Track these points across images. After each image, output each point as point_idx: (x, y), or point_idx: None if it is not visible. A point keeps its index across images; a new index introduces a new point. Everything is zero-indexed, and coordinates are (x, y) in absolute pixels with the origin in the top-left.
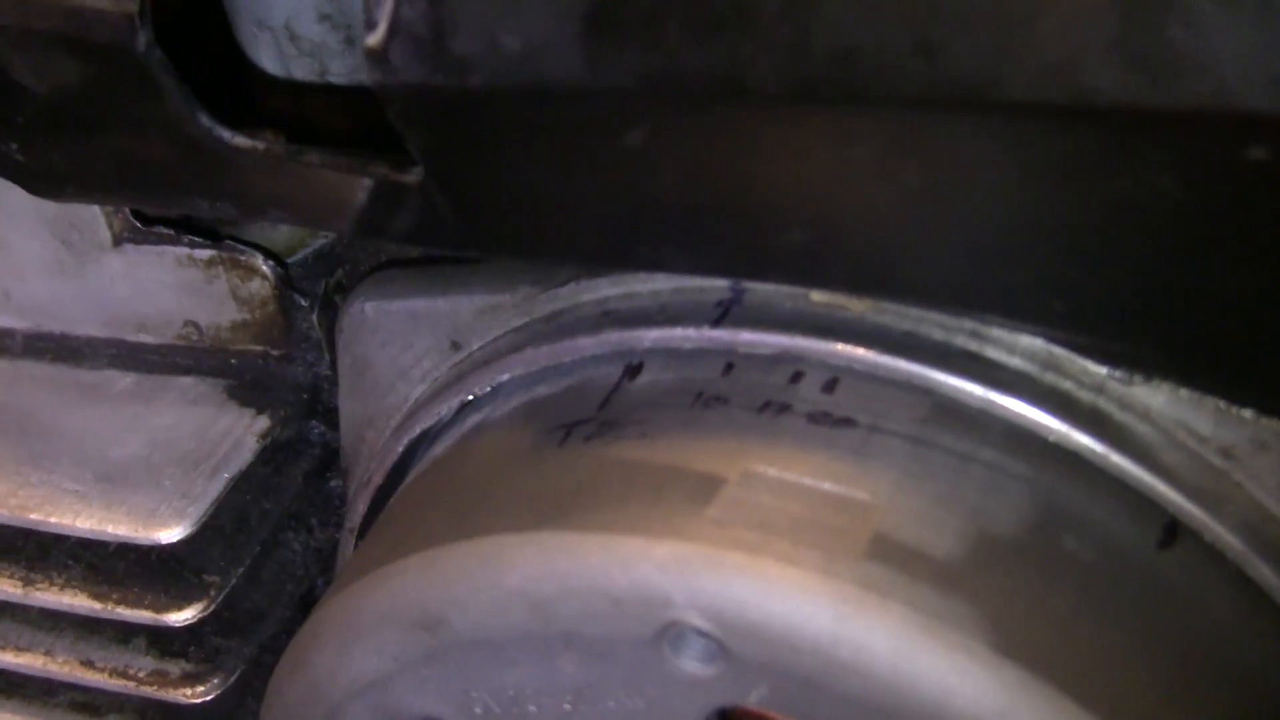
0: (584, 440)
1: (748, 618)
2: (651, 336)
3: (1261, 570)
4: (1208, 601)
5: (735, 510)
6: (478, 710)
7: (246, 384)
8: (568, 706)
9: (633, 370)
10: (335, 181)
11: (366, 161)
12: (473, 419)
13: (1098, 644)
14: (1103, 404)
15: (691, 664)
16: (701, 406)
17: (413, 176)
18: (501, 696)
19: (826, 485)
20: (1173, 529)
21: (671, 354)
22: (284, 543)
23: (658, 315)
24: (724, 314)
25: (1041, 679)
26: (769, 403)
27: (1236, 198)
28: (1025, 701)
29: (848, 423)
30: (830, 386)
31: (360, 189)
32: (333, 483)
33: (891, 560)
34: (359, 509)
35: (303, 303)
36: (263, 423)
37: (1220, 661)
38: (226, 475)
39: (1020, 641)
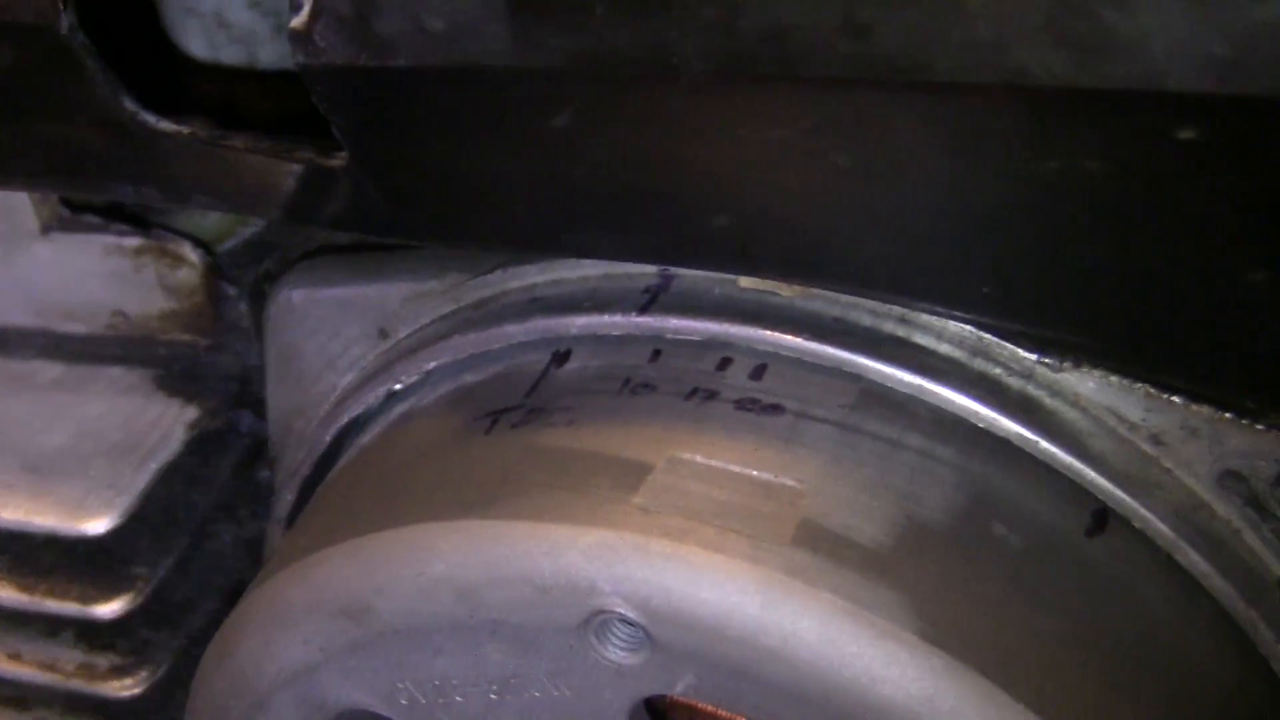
0: (511, 428)
1: (674, 605)
2: (579, 323)
3: (1191, 556)
4: (1137, 588)
5: (662, 497)
6: (403, 701)
7: (175, 374)
8: (494, 696)
9: (560, 357)
10: (262, 166)
11: (292, 146)
12: (400, 407)
13: (1026, 631)
14: (1032, 390)
15: (617, 653)
16: (629, 393)
17: (339, 160)
18: (427, 686)
19: (754, 472)
20: (1102, 516)
21: (599, 341)
22: (213, 534)
23: (586, 302)
24: (652, 300)
25: (968, 666)
26: (696, 389)
27: (1165, 179)
28: (952, 688)
29: (775, 409)
30: (758, 373)
31: (287, 174)
32: (262, 474)
33: (819, 547)
34: (287, 499)
35: (232, 292)
36: (191, 413)
37: (1149, 647)
38: (154, 466)
39: (948, 628)
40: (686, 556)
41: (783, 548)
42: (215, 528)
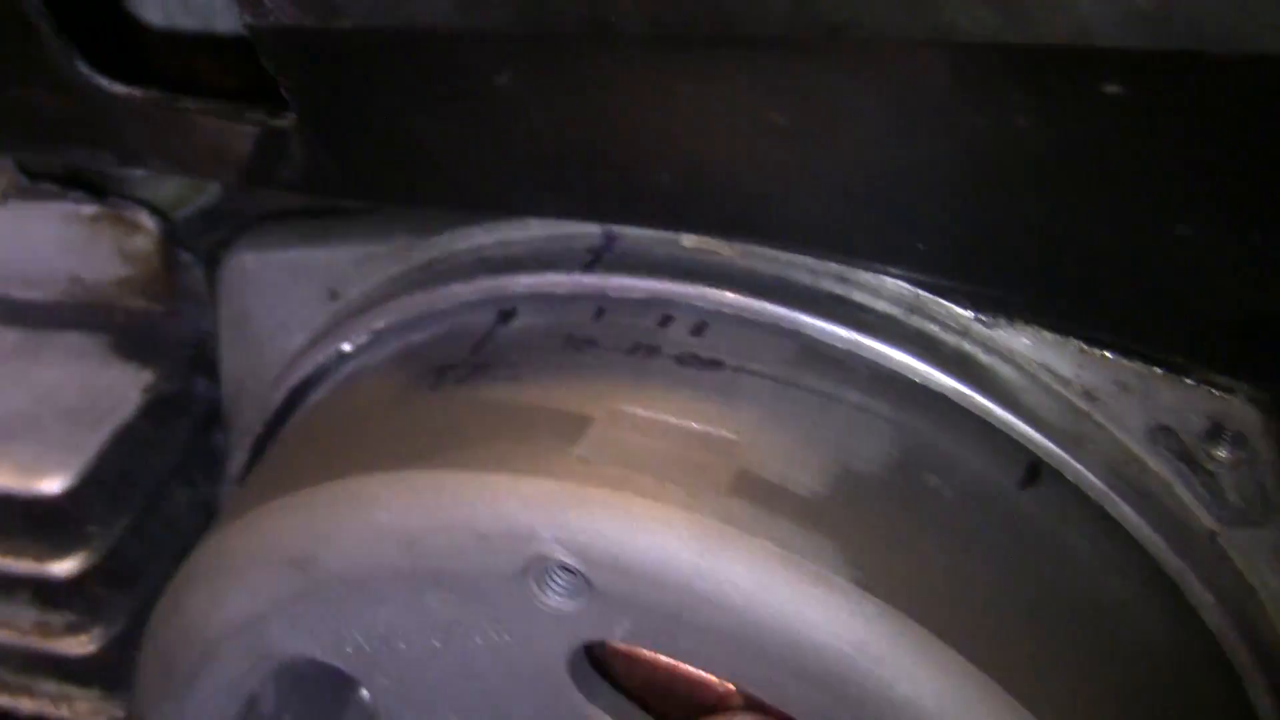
0: (456, 383)
1: (612, 552)
2: (524, 282)
3: (1122, 508)
4: (1068, 539)
5: (602, 448)
6: (349, 650)
7: (131, 339)
8: (437, 644)
9: (506, 315)
10: (213, 129)
11: (243, 108)
12: (349, 366)
13: (958, 579)
14: (967, 347)
15: (556, 599)
16: (573, 349)
17: (288, 121)
18: (372, 635)
19: (692, 424)
20: (1035, 469)
21: (544, 299)
22: (168, 497)
23: (531, 261)
24: (596, 259)
25: (900, 611)
26: (638, 345)
27: (1093, 135)
28: (884, 633)
29: (715, 364)
30: (699, 330)
31: (238, 136)
32: (217, 438)
33: (755, 496)
34: (239, 458)
35: (187, 258)
36: (147, 377)
37: (1079, 595)
38: (110, 428)
39: (880, 575)
40: (624, 504)
41: (719, 496)
42: (170, 490)
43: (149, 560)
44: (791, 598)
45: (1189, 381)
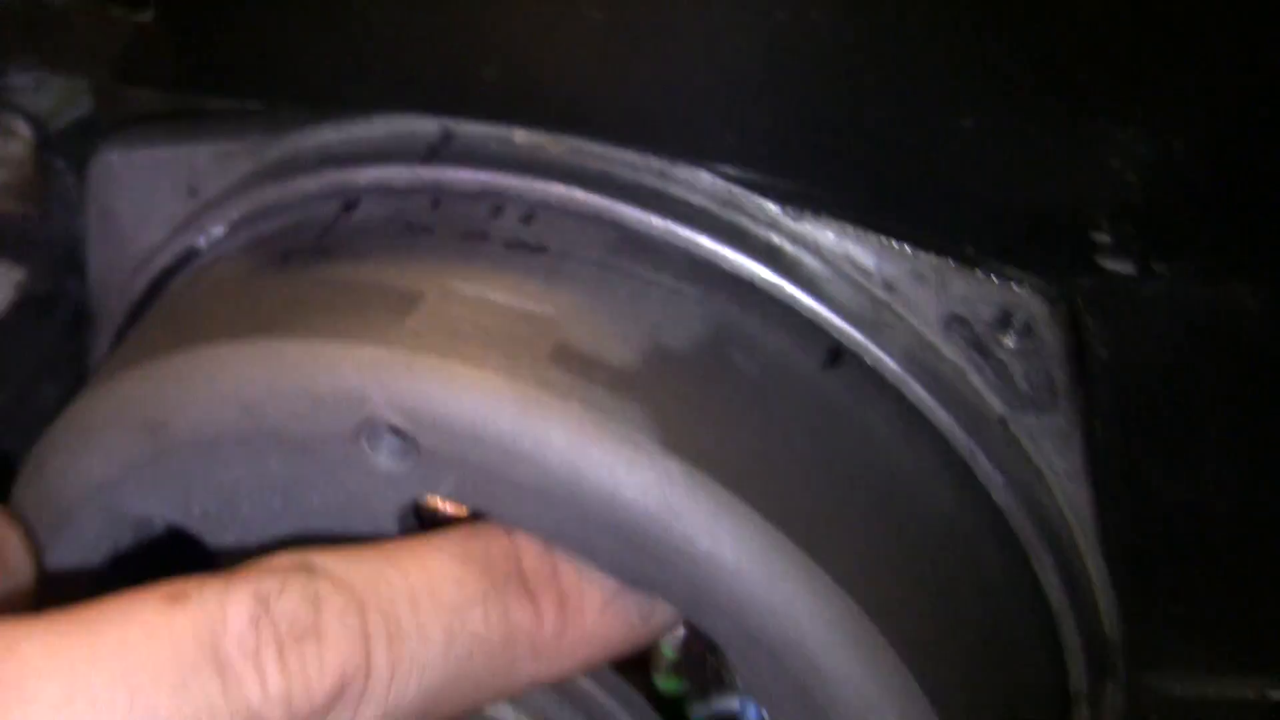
0: (299, 266)
1: (437, 414)
2: (367, 175)
3: (918, 392)
4: (867, 417)
5: (432, 321)
6: (196, 511)
7: (5, 241)
8: (277, 505)
9: (349, 206)
10: (79, 25)
11: (107, 3)
12: (204, 257)
13: (759, 446)
14: (775, 239)
15: (386, 459)
16: (409, 236)
17: (148, 15)
18: (218, 497)
19: (516, 302)
20: (836, 353)
21: (385, 191)
22: (37, 392)
23: (373, 155)
24: (433, 153)
25: (704, 473)
26: (471, 232)
27: (882, 27)
28: (686, 492)
29: (541, 250)
30: (527, 219)
31: (107, 33)
32: (88, 338)
33: (571, 366)
34: (103, 347)
35: (60, 164)
36: (19, 274)
37: (875, 468)
38: None
39: (686, 439)
40: (449, 370)
41: (538, 365)
42: (39, 386)
43: (16, 452)
44: (601, 458)
45: (980, 273)
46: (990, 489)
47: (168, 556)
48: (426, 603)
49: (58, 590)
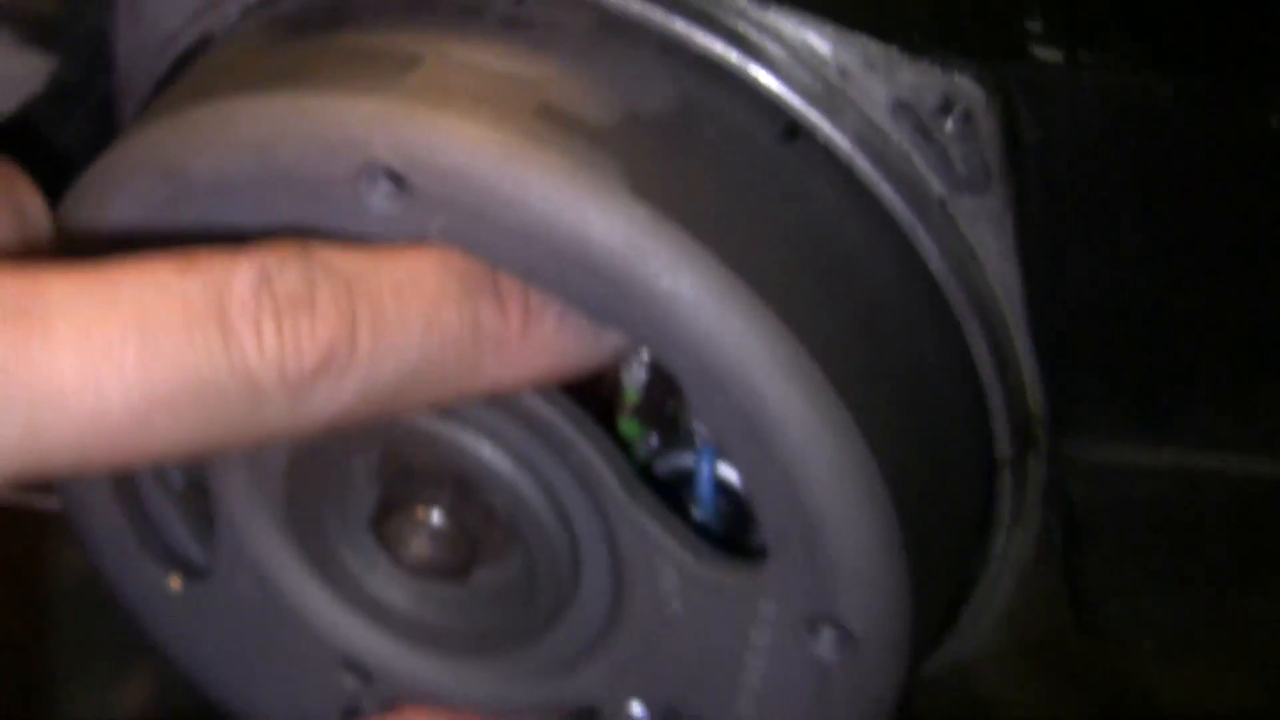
0: (311, 35)
1: (431, 157)
2: None
3: (867, 171)
4: (818, 188)
5: (429, 79)
6: None
7: (36, 33)
8: None
9: None
10: None
11: None
12: (224, 36)
13: (720, 201)
14: (741, 26)
15: (382, 201)
16: (413, 11)
17: None
18: (228, 241)
19: (506, 67)
20: (793, 129)
21: None
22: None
23: None
24: None
25: (668, 219)
26: (468, 8)
27: None
28: (652, 234)
29: (530, 26)
30: (519, 0)
31: None
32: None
33: (553, 122)
34: (128, 117)
35: None
36: (50, 64)
37: (824, 231)
38: (16, 100)
39: (654, 189)
40: (444, 118)
41: (523, 118)
42: (70, 178)
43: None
44: (576, 200)
45: (926, 63)
46: (928, 261)
47: None
48: (409, 294)
49: None
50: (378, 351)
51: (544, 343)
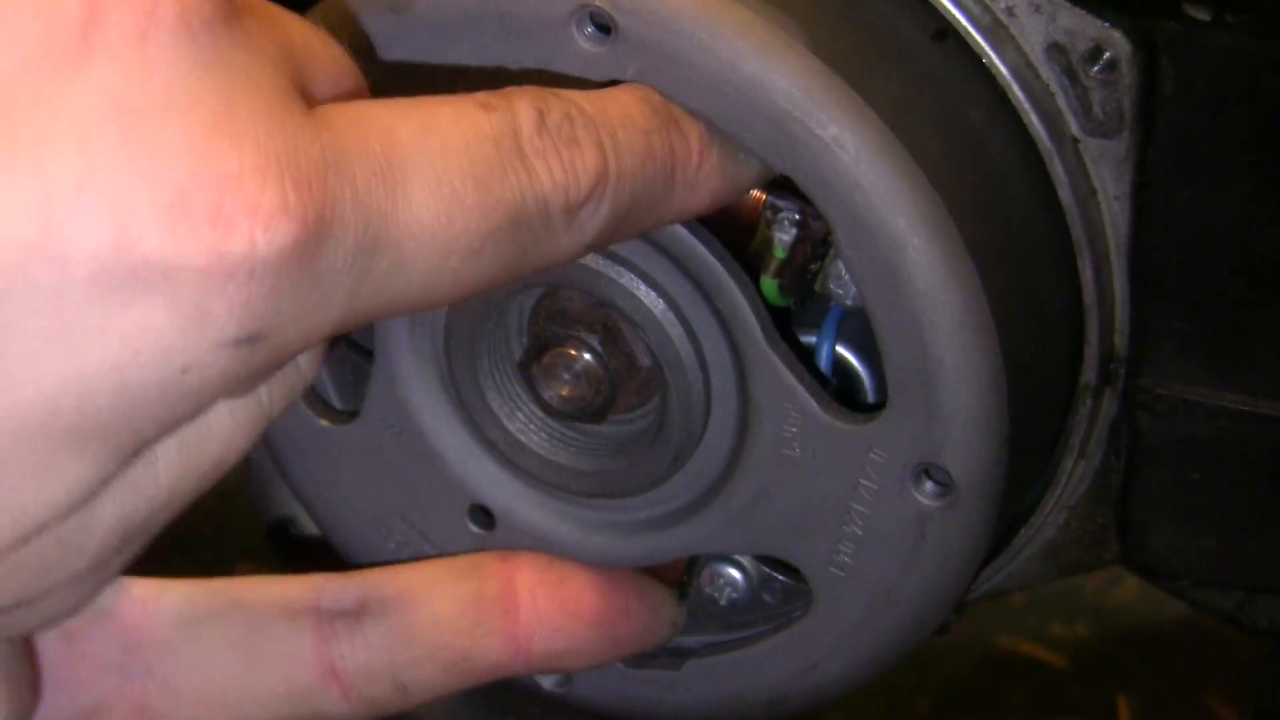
0: None
1: (637, 3)
2: None
3: (1019, 95)
4: (967, 100)
5: None
6: None
7: None
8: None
9: None
10: None
11: None
12: None
13: (881, 74)
14: None
15: (587, 42)
16: None
17: None
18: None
19: None
20: (943, 32)
21: None
22: None
23: None
24: None
25: (839, 76)
26: None
27: None
28: (825, 86)
29: None
30: None
31: None
32: None
33: None
34: None
35: None
36: None
37: (969, 136)
38: None
39: (828, 51)
40: None
41: None
42: None
43: None
44: (764, 51)
45: (1084, 11)
46: (1058, 190)
47: None
48: (632, 126)
49: None
50: (621, 177)
51: (714, 168)
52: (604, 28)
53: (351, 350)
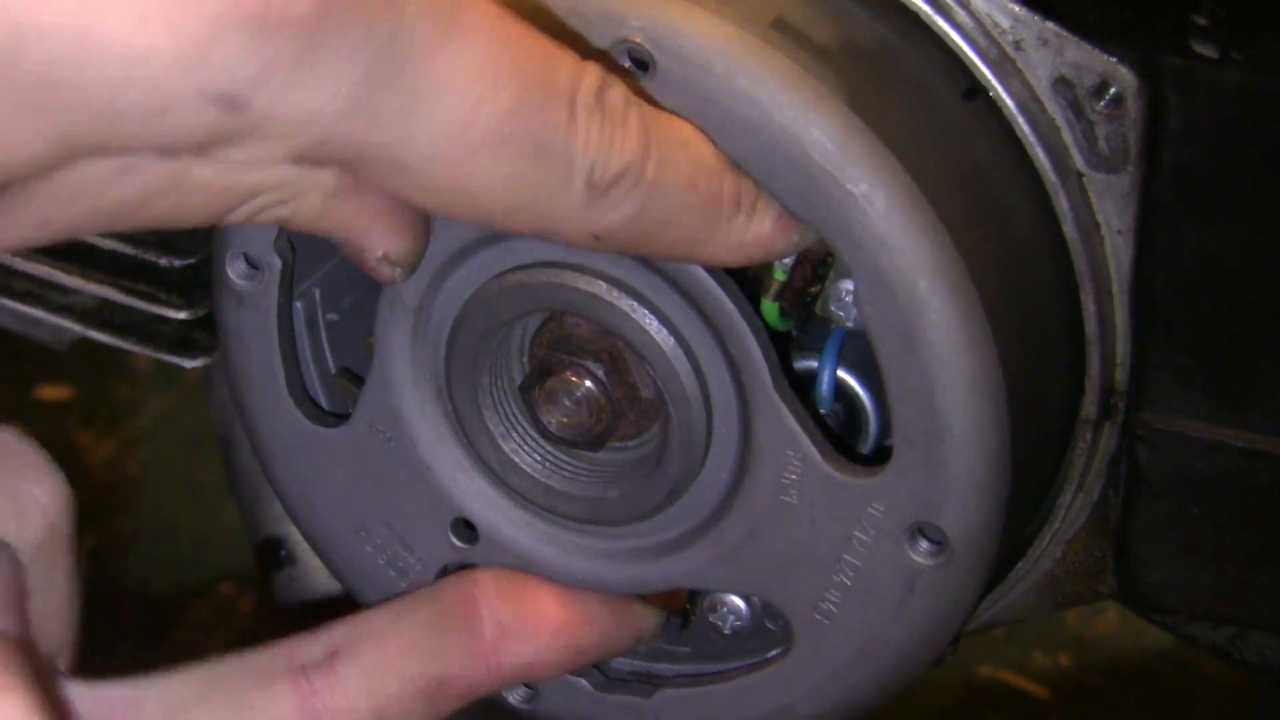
0: None
1: (679, 43)
2: None
3: (1024, 130)
4: (985, 149)
5: None
6: None
7: None
8: None
9: None
10: None
11: None
12: None
13: (912, 132)
14: None
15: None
16: None
17: None
18: None
19: None
20: (973, 91)
21: None
22: None
23: None
24: None
25: (875, 133)
26: None
27: None
28: (858, 142)
29: None
30: None
31: None
32: None
33: (786, 33)
34: None
35: None
36: None
37: (985, 181)
38: None
39: (862, 106)
40: (694, 10)
41: (761, 25)
42: None
43: None
44: (801, 101)
45: (1091, 45)
46: (1062, 225)
47: None
48: (686, 152)
49: None
50: (656, 185)
51: (761, 234)
52: (642, 64)
53: (344, 376)
